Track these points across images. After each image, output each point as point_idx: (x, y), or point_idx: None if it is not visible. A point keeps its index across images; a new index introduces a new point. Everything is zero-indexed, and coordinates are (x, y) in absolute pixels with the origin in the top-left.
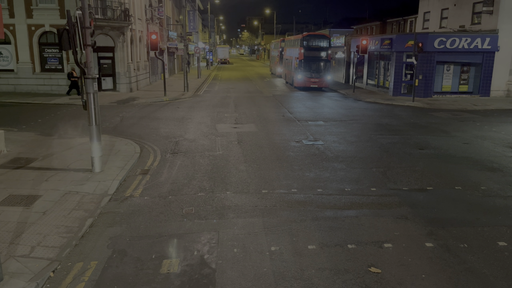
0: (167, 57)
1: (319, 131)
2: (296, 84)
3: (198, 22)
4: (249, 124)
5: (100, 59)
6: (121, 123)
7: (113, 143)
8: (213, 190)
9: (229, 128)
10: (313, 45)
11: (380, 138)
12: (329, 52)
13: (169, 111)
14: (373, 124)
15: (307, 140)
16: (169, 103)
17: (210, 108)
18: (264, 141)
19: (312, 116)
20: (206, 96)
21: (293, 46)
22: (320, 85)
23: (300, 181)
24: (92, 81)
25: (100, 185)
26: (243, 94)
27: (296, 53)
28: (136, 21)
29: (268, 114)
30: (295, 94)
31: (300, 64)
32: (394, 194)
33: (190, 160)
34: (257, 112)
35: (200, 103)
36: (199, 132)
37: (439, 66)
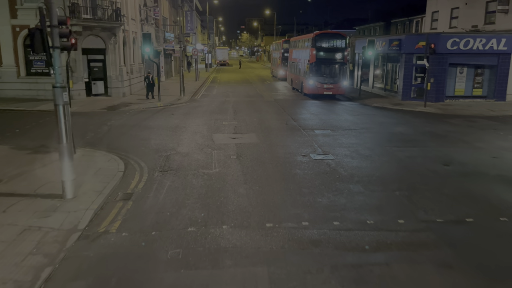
0: (163, 59)
1: (327, 142)
2: (306, 90)
3: (197, 23)
4: (249, 134)
5: (90, 62)
6: (108, 133)
7: (95, 159)
8: (206, 223)
9: (227, 139)
10: (327, 46)
11: (397, 151)
12: (346, 53)
13: (162, 119)
14: (386, 133)
15: (315, 153)
16: (163, 109)
17: (207, 115)
18: (267, 155)
19: (318, 124)
20: (204, 100)
21: (302, 47)
22: (335, 92)
23: (312, 210)
24: (61, 90)
25: (69, 217)
26: (243, 99)
27: (306, 55)
28: (129, 22)
29: (270, 122)
30: (298, 99)
31: (312, 68)
32: (427, 229)
33: (181, 181)
34: (258, 119)
35: (196, 109)
36: (193, 144)
37: (451, 68)
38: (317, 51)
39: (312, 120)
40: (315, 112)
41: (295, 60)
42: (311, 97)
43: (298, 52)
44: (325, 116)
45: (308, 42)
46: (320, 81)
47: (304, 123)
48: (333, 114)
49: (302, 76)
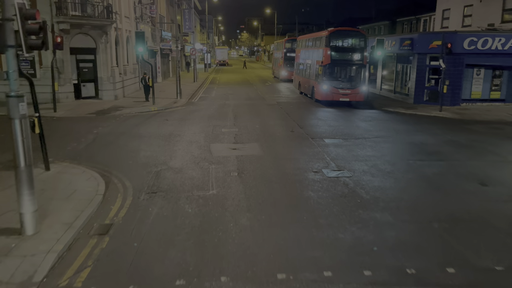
0: (160, 59)
1: (340, 154)
2: (319, 96)
3: (196, 23)
4: (251, 143)
5: (79, 63)
6: (93, 142)
7: (71, 177)
8: (199, 273)
9: (226, 150)
10: (344, 45)
11: (422, 165)
12: (365, 53)
13: (155, 125)
14: (405, 143)
15: (328, 169)
16: (158, 114)
17: (205, 121)
18: (273, 171)
19: (327, 132)
20: (202, 104)
21: (313, 46)
22: (352, 99)
23: (334, 252)
24: (17, 100)
25: (24, 264)
26: (243, 102)
27: (318, 55)
28: (123, 19)
29: (274, 129)
30: (304, 102)
31: (325, 70)
32: (489, 284)
33: (172, 207)
34: (261, 125)
35: (193, 114)
36: (188, 157)
37: (467, 69)
38: (332, 51)
39: (320, 127)
40: (322, 118)
41: (304, 61)
42: (324, 104)
43: (308, 52)
44: (333, 122)
45: (321, 41)
46: (335, 86)
47: (311, 130)
48: (342, 119)
49: (313, 80)
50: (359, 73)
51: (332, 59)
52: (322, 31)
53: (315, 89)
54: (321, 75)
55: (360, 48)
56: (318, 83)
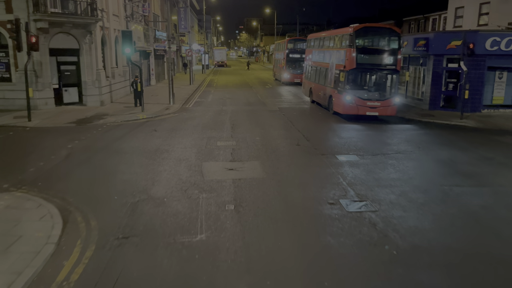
0: (154, 60)
1: (359, 177)
2: (339, 108)
3: (194, 23)
4: (251, 162)
5: (61, 65)
6: (65, 161)
7: (21, 215)
8: None
9: (221, 171)
10: (373, 45)
11: (461, 193)
12: (399, 56)
13: (141, 138)
14: (432, 160)
15: (347, 199)
16: (146, 123)
17: (198, 131)
18: (278, 203)
19: (337, 145)
20: (196, 110)
21: (331, 46)
22: (382, 113)
23: None
24: None
25: None
26: (242, 108)
27: (338, 58)
28: (110, 18)
29: (277, 142)
30: (307, 109)
31: (349, 77)
32: None
33: (145, 262)
34: (262, 137)
35: (186, 123)
36: (174, 182)
37: (489, 73)
38: (358, 53)
39: (329, 139)
40: (330, 127)
41: (318, 64)
42: (345, 118)
43: (323, 53)
44: (344, 133)
45: (343, 40)
46: (361, 97)
47: (320, 143)
48: (354, 130)
49: (330, 88)
50: (391, 80)
51: (358, 63)
52: (343, 28)
53: (333, 99)
54: (343, 82)
55: (393, 50)
56: (339, 92)
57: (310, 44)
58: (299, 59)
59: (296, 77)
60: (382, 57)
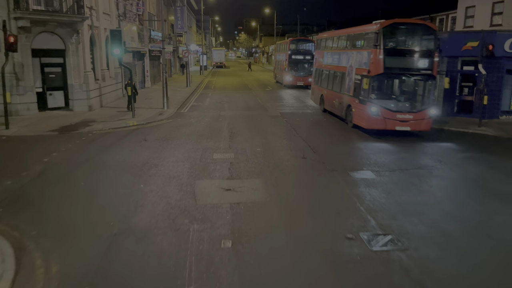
0: (149, 62)
1: (378, 200)
2: (362, 121)
3: (192, 23)
4: (252, 179)
5: (45, 67)
6: (37, 180)
7: None
8: None
9: (217, 192)
10: (405, 45)
11: (504, 223)
12: (436, 59)
13: (128, 149)
14: (459, 178)
15: (368, 231)
16: (136, 130)
17: (193, 141)
18: (285, 237)
19: (348, 158)
20: (192, 115)
21: (349, 46)
22: (416, 128)
23: None
24: None
25: None
26: (241, 113)
27: (360, 60)
28: (100, 16)
29: (280, 154)
30: (310, 114)
31: (374, 84)
32: None
33: None
34: (263, 148)
35: (180, 130)
36: (161, 207)
37: (507, 76)
38: (386, 54)
39: (339, 152)
40: (336, 135)
41: (332, 68)
42: (370, 133)
43: (338, 55)
44: (353, 143)
45: (366, 39)
46: (390, 108)
47: (328, 156)
48: (364, 140)
49: (348, 96)
50: (426, 88)
51: (386, 67)
52: (366, 25)
53: (353, 110)
54: (366, 90)
55: (428, 51)
56: (361, 102)
57: (321, 45)
58: (302, 60)
59: (299, 80)
60: (416, 60)
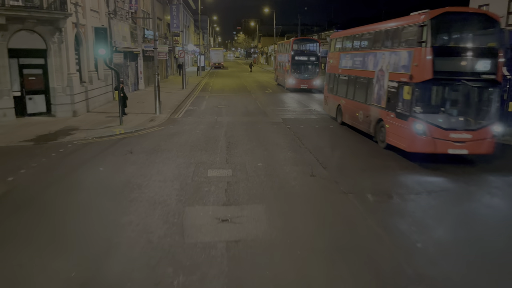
0: (142, 62)
1: (408, 235)
2: (403, 142)
3: (190, 23)
4: (253, 206)
5: (23, 68)
6: None
7: None
8: None
9: (211, 223)
10: (461, 42)
11: None
12: (501, 59)
13: (110, 164)
14: (497, 203)
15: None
16: (122, 140)
17: (185, 153)
18: None
19: (363, 174)
20: (186, 122)
21: (376, 46)
22: (475, 150)
23: None
24: None
25: None
26: (240, 119)
27: (395, 64)
28: (87, 13)
29: (285, 169)
30: (313, 120)
31: (418, 93)
32: None
33: None
34: (265, 162)
35: (171, 140)
36: (140, 247)
37: None
38: (436, 54)
39: (351, 167)
40: (347, 145)
41: (354, 73)
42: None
43: (362, 57)
44: (368, 156)
45: (406, 35)
46: (442, 125)
47: (340, 171)
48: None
49: (379, 108)
50: (488, 97)
51: (436, 71)
52: (406, 17)
53: (387, 126)
54: (407, 102)
55: (491, 49)
56: (399, 116)
57: (335, 46)
58: (306, 62)
59: (302, 83)
60: (475, 61)
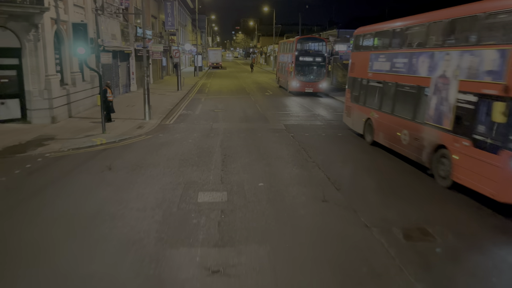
0: (135, 63)
1: None
2: (483, 184)
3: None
4: (253, 247)
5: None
6: None
7: None
8: None
9: (198, 278)
10: None
11: None
12: None
13: (82, 185)
14: None
15: None
16: (102, 153)
17: (173, 170)
18: None
19: (387, 201)
20: (178, 129)
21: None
22: None
23: None
24: None
25: None
26: (238, 125)
27: (473, 68)
28: (70, 9)
29: (291, 191)
30: (319, 127)
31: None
32: None
33: None
34: (268, 182)
35: (158, 152)
36: None
37: None
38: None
39: (366, 185)
40: (359, 159)
41: (393, 79)
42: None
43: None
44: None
45: (497, 26)
46: None
47: (355, 193)
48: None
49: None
50: None
51: None
52: (482, 2)
53: (455, 157)
54: (502, 126)
55: None
56: (481, 146)
57: (363, 44)
58: (312, 63)
59: (307, 86)
60: None
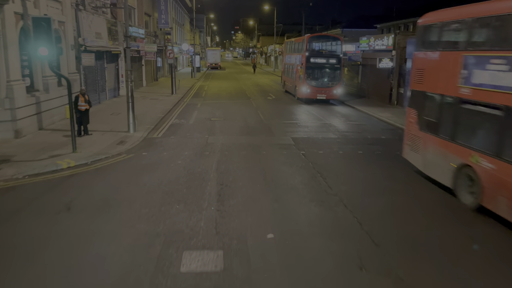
0: (124, 64)
1: None
2: None
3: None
4: None
5: None
6: None
7: None
8: None
9: None
10: None
11: None
12: None
13: (21, 238)
14: None
15: None
16: (66, 180)
17: (153, 210)
18: None
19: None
20: (166, 145)
21: None
22: None
23: None
24: None
25: None
26: (238, 139)
27: None
28: (42, 3)
29: (313, 250)
30: (334, 140)
31: None
32: None
33: None
34: (278, 232)
35: (137, 181)
36: None
37: None
38: None
39: (408, 239)
40: (389, 189)
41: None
42: None
43: None
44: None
45: None
46: None
47: (398, 252)
48: None
49: None
50: None
51: None
52: None
53: None
54: None
55: None
56: None
57: (445, 39)
58: (325, 65)
59: (319, 92)
60: None
